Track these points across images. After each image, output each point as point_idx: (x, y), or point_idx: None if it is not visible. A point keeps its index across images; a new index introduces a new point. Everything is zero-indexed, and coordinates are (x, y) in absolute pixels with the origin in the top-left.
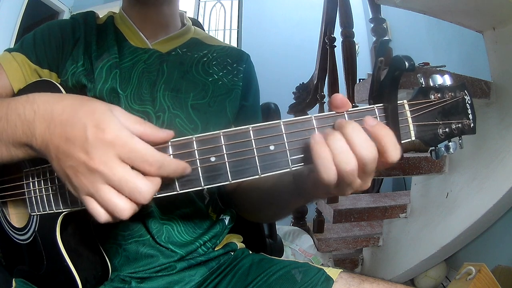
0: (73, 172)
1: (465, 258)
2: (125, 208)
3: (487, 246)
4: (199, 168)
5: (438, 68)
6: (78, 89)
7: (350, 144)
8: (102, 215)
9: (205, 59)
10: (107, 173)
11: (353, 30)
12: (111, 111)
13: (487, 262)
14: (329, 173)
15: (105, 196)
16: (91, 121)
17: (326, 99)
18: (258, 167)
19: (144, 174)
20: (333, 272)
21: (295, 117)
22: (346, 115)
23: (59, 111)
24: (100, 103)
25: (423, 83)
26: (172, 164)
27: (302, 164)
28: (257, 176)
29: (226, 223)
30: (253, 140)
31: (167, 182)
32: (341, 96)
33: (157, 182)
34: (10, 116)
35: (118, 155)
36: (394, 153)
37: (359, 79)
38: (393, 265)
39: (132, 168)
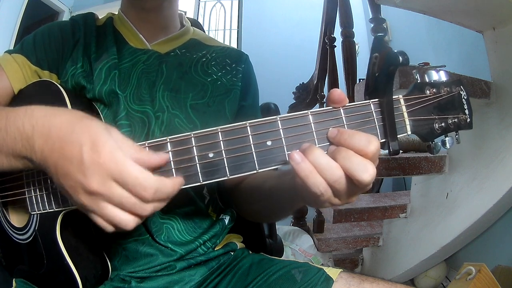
0: (74, 191)
1: (465, 258)
2: (129, 221)
3: (487, 246)
4: (197, 164)
5: (438, 68)
6: (77, 90)
7: (317, 170)
8: (108, 228)
9: (204, 59)
10: (106, 194)
11: (353, 30)
12: (108, 131)
13: (487, 262)
14: (320, 187)
15: (108, 214)
16: (87, 140)
17: (326, 99)
18: (256, 162)
19: (140, 199)
20: (333, 272)
21: None
22: (341, 110)
23: (57, 127)
24: (97, 122)
25: (419, 79)
26: (168, 187)
27: None
28: (254, 171)
29: (226, 223)
30: (250, 136)
31: None
32: (339, 91)
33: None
34: (9, 128)
35: (112, 177)
36: (368, 147)
37: (359, 79)
38: (393, 265)
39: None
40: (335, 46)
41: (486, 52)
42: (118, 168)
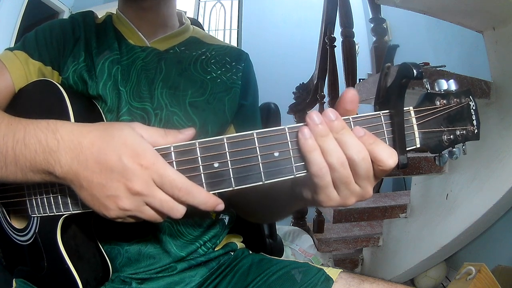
0: (112, 199)
1: (465, 258)
2: (162, 218)
3: (487, 246)
4: (202, 174)
5: (438, 68)
6: (79, 86)
7: (339, 144)
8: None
9: (204, 57)
10: (149, 194)
11: (353, 30)
12: (140, 135)
13: (487, 262)
14: (321, 167)
15: (148, 214)
16: (126, 150)
17: (326, 99)
18: (262, 174)
19: (174, 198)
20: (333, 272)
21: (295, 117)
22: (351, 122)
23: (88, 144)
24: (126, 130)
25: (429, 88)
26: (201, 196)
27: (306, 171)
28: (260, 183)
29: (226, 223)
30: (257, 147)
31: None
32: (354, 92)
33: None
34: (28, 141)
35: (152, 178)
36: (387, 159)
37: (359, 79)
38: (393, 265)
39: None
40: (335, 46)
41: (486, 52)
42: (157, 170)
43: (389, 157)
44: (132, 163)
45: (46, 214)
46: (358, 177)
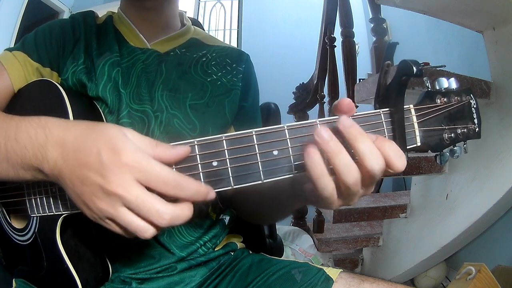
0: (90, 198)
1: (465, 258)
2: (146, 229)
3: (487, 246)
4: (200, 173)
5: (438, 68)
6: (78, 88)
7: (358, 155)
8: (126, 234)
9: (204, 59)
10: (124, 195)
11: (353, 30)
12: (125, 134)
13: (487, 262)
14: (328, 189)
15: (125, 219)
16: (105, 145)
17: (326, 99)
18: (261, 172)
19: (162, 195)
20: (333, 272)
21: (295, 117)
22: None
23: (71, 138)
24: (112, 127)
25: (429, 87)
26: (192, 186)
27: (305, 171)
28: (260, 182)
29: (226, 223)
30: (256, 145)
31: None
32: (349, 101)
33: (180, 206)
34: (19, 137)
35: (135, 177)
36: (399, 163)
37: (359, 79)
38: (393, 265)
39: (150, 190)
40: (335, 46)
41: (486, 52)
42: (139, 166)
43: (400, 160)
44: (111, 160)
45: (46, 214)
46: (366, 184)
